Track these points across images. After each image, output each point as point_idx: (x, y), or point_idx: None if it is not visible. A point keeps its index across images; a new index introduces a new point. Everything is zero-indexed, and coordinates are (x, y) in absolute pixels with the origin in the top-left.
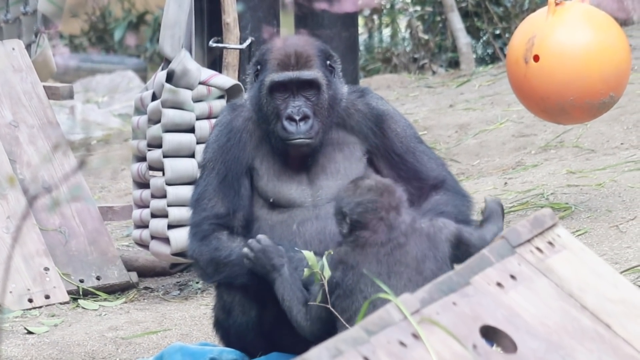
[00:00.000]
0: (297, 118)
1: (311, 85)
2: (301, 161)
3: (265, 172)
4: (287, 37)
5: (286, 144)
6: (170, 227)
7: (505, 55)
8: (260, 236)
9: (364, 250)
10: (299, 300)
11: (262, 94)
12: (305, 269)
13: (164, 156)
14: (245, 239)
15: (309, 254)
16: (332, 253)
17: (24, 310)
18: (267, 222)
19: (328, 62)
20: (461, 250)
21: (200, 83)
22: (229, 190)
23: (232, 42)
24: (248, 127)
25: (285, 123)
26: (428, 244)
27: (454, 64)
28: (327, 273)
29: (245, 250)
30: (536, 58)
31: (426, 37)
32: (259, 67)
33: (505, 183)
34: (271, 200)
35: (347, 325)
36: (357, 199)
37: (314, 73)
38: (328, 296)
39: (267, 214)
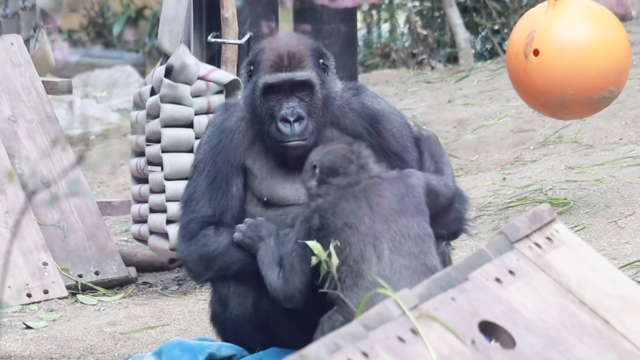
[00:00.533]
0: (292, 119)
1: (304, 85)
2: (295, 160)
3: (258, 171)
4: (280, 37)
5: (280, 146)
6: (168, 222)
7: (504, 51)
8: (258, 218)
9: (338, 193)
10: (276, 263)
11: (255, 96)
12: (313, 258)
13: (163, 151)
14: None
15: (313, 244)
16: (305, 213)
17: (22, 305)
18: (262, 217)
19: (321, 60)
20: (430, 199)
21: (198, 78)
22: (217, 192)
23: (231, 37)
24: (241, 127)
25: (280, 124)
26: (403, 185)
27: (453, 59)
28: (335, 261)
29: (239, 225)
30: (536, 52)
31: (425, 32)
32: (252, 67)
33: (504, 178)
34: (265, 199)
35: (340, 294)
36: (326, 150)
37: (307, 74)
38: (338, 282)
39: (261, 211)
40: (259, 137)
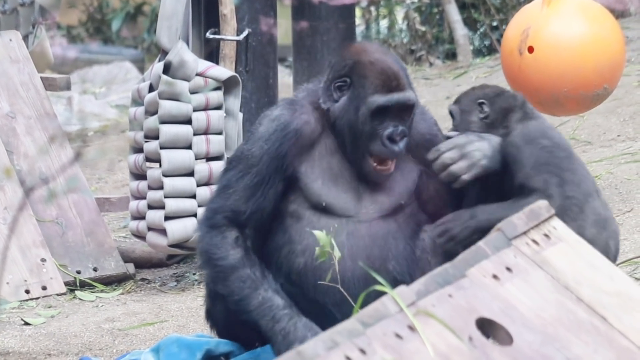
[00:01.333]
0: (398, 139)
1: (410, 107)
2: (374, 175)
3: (319, 175)
4: (370, 50)
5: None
6: (167, 218)
7: None
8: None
9: (520, 127)
10: None
11: (360, 113)
12: (317, 248)
13: (161, 147)
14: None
15: (319, 234)
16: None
17: (20, 301)
18: (313, 224)
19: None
20: None
21: (197, 74)
22: (258, 192)
23: (229, 33)
24: (305, 130)
25: (386, 142)
26: None
27: (451, 55)
28: (337, 254)
29: None
30: (530, 49)
31: (423, 28)
32: (349, 80)
33: None
34: (324, 204)
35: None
36: (489, 89)
37: (413, 95)
38: (338, 275)
39: (314, 216)
40: (340, 149)
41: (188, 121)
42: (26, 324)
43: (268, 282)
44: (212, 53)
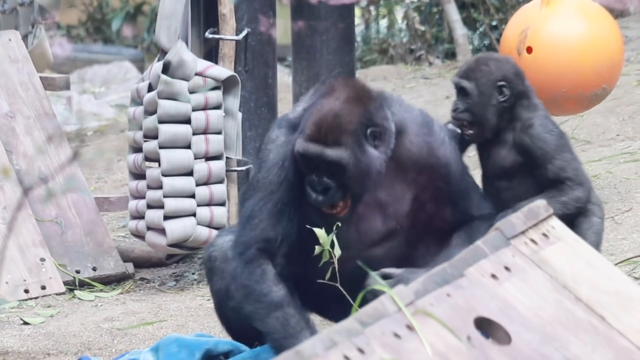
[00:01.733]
0: (318, 189)
1: (333, 164)
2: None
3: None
4: (335, 94)
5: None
6: (166, 218)
7: None
8: None
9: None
10: None
11: (295, 153)
12: (317, 247)
13: (160, 147)
14: (285, 270)
15: (320, 232)
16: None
17: (19, 300)
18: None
19: (370, 130)
20: None
21: (196, 74)
22: (283, 217)
23: (229, 33)
24: None
25: (307, 188)
26: None
27: (451, 55)
28: (337, 252)
29: None
30: (529, 50)
31: (423, 28)
32: (304, 115)
33: None
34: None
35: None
36: (510, 68)
37: (337, 153)
38: (337, 274)
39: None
40: None
41: (187, 121)
42: (25, 323)
43: (310, 327)
44: (211, 52)
